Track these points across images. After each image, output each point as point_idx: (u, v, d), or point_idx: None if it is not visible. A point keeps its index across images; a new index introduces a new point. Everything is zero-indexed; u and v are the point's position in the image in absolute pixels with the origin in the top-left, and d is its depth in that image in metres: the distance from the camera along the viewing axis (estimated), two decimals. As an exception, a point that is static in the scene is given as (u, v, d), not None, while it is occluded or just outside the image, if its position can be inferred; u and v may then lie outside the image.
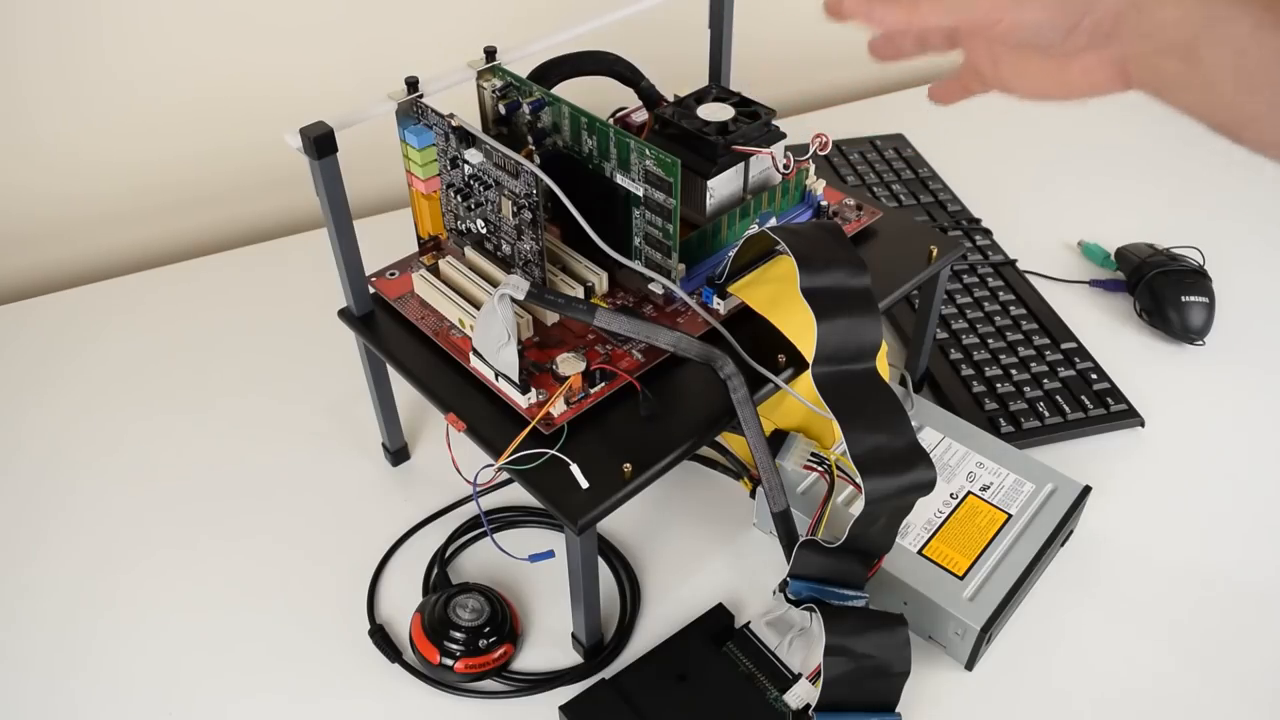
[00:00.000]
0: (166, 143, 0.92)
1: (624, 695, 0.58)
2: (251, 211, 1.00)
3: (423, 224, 0.66)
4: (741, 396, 0.56)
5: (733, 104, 0.65)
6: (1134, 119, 1.11)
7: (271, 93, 0.93)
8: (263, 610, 0.65)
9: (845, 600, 0.58)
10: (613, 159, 0.60)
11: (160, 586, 0.66)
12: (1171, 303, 0.82)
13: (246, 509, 0.71)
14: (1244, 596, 0.65)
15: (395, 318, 0.64)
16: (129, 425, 0.77)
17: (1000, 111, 1.12)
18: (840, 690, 0.55)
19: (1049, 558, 0.64)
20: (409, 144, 0.62)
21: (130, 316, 0.87)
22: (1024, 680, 0.61)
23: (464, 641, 0.60)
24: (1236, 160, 1.04)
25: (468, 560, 0.68)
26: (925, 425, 0.70)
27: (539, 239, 0.58)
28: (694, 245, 0.62)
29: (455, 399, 0.59)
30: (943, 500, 0.65)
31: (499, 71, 0.63)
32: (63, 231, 0.93)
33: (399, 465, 0.74)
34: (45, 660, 0.62)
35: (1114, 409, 0.76)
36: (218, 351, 0.84)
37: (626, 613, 0.64)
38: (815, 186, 0.68)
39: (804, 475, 0.65)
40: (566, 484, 0.54)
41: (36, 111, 0.87)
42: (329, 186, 0.56)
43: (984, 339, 0.81)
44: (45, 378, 0.82)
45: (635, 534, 0.69)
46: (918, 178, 1.00)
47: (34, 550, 0.69)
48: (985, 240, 0.92)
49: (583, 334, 0.62)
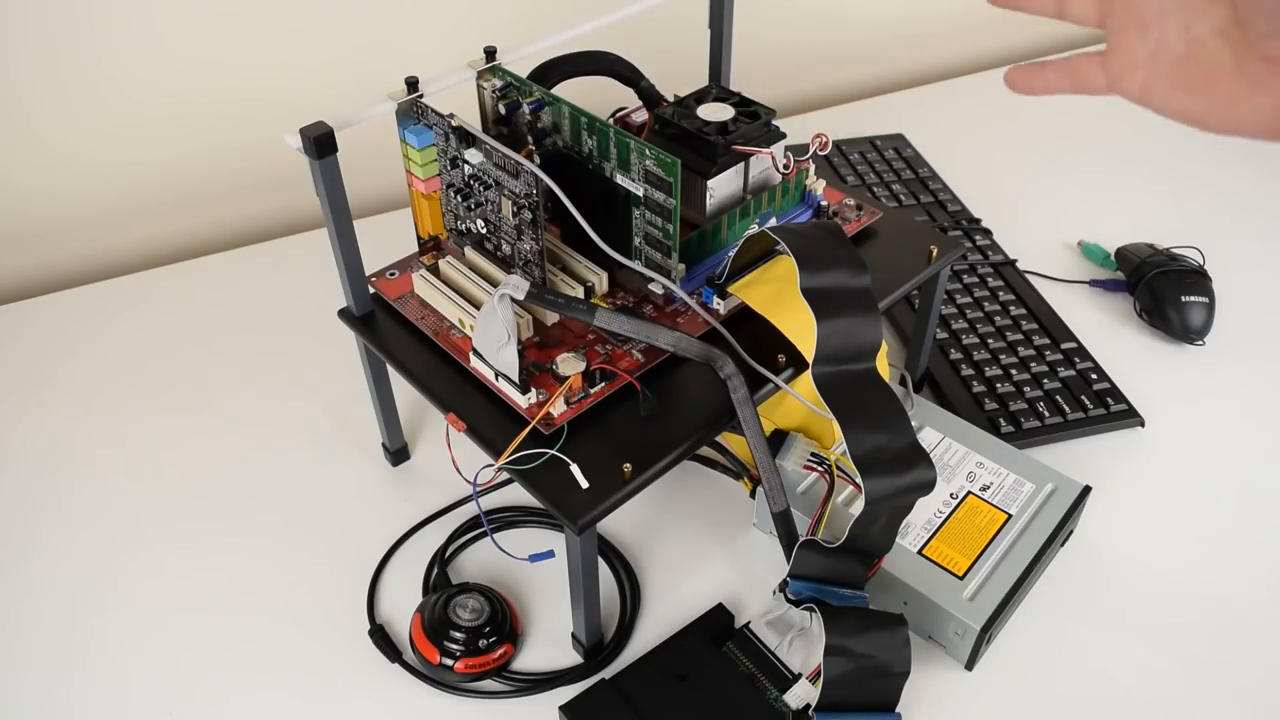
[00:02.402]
0: (166, 143, 0.92)
1: (624, 695, 0.58)
2: (251, 211, 1.00)
3: (423, 224, 0.66)
4: (741, 396, 0.56)
5: (733, 104, 0.65)
6: (1134, 119, 1.11)
7: (271, 93, 0.93)
8: (263, 610, 0.65)
9: (845, 600, 0.58)
10: (613, 159, 0.60)
11: (160, 586, 0.66)
12: (1171, 303, 0.82)
13: (246, 509, 0.71)
14: (1244, 597, 0.65)
15: (395, 318, 0.64)
16: (128, 425, 0.77)
17: (1000, 111, 1.12)
18: (840, 690, 0.55)
19: (1049, 558, 0.64)
20: (409, 144, 0.62)
21: (130, 317, 0.87)
22: (1024, 680, 0.61)
23: (464, 641, 0.60)
24: (1237, 160, 1.04)
25: (468, 560, 0.68)
26: (925, 425, 0.70)
27: (539, 239, 0.58)
28: (694, 245, 0.62)
29: (455, 399, 0.59)
30: (943, 500, 0.65)
31: (499, 71, 0.63)
32: (62, 231, 0.93)
33: (399, 465, 0.74)
34: (45, 660, 0.62)
35: (1114, 409, 0.76)
36: (217, 352, 0.84)
37: (626, 613, 0.64)
38: (815, 186, 0.68)
39: (804, 475, 0.65)
40: (566, 484, 0.54)
41: (35, 111, 0.86)
42: (329, 186, 0.56)
43: (984, 339, 0.81)
44: (45, 378, 0.82)
45: (635, 534, 0.69)
46: (918, 178, 1.00)
47: (33, 550, 0.69)
48: (985, 240, 0.92)
49: (583, 334, 0.62)
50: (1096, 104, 1.13)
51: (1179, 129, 1.09)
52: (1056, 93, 0.47)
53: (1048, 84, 0.47)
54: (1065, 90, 0.47)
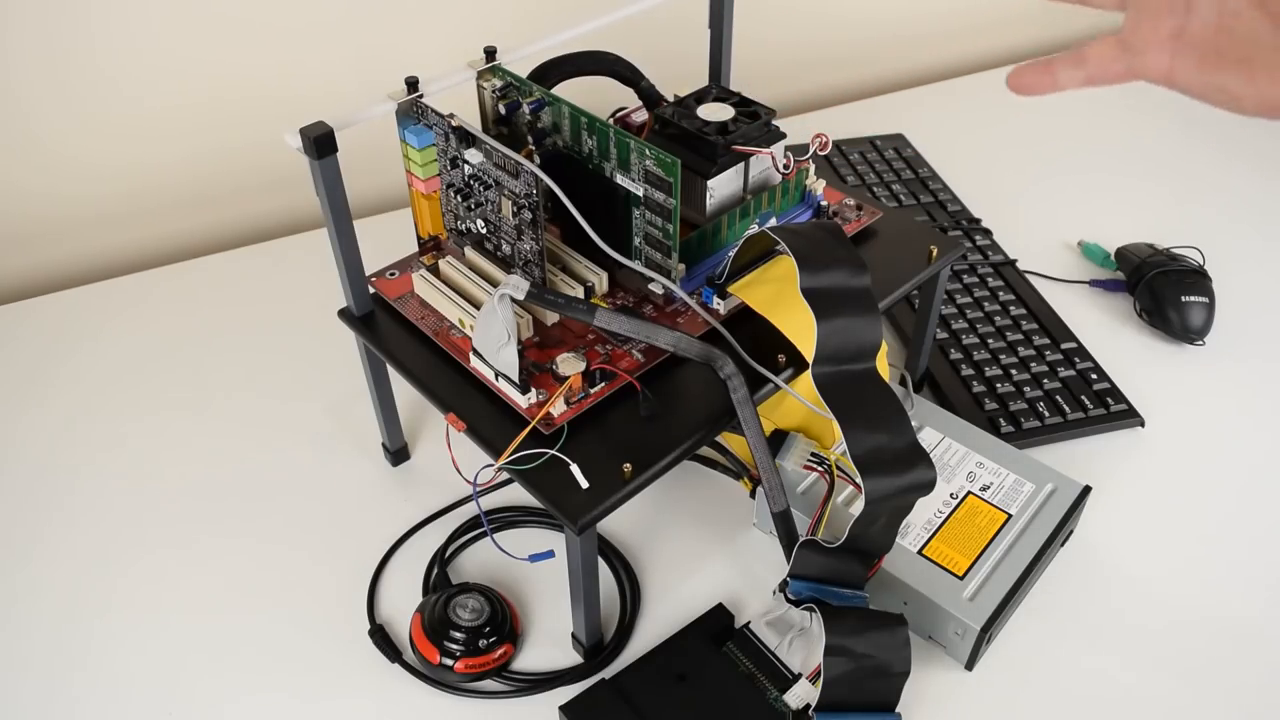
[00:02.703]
0: (166, 143, 0.92)
1: (624, 695, 0.58)
2: (251, 211, 1.00)
3: (423, 224, 0.66)
4: (741, 396, 0.56)
5: (733, 104, 0.65)
6: (1134, 119, 1.11)
7: (271, 93, 0.93)
8: (263, 610, 0.65)
9: (845, 600, 0.58)
10: (613, 159, 0.60)
11: (160, 586, 0.66)
12: (1171, 303, 0.82)
13: (246, 509, 0.71)
14: (1243, 597, 0.65)
15: (395, 318, 0.64)
16: (128, 425, 0.77)
17: (1000, 111, 1.12)
18: (840, 690, 0.55)
19: (1049, 558, 0.64)
20: (409, 144, 0.62)
21: (130, 317, 0.87)
22: (1024, 680, 0.61)
23: (464, 641, 0.60)
24: (1237, 160, 1.04)
25: (468, 560, 0.68)
26: (925, 425, 0.70)
27: (539, 239, 0.58)
28: (694, 245, 0.62)
29: (455, 399, 0.59)
30: (943, 500, 0.65)
31: (499, 71, 0.63)
32: (62, 231, 0.93)
33: (399, 465, 0.74)
34: (45, 660, 0.62)
35: (1114, 409, 0.76)
36: (217, 351, 0.84)
37: (626, 613, 0.64)
38: (815, 186, 0.68)
39: (804, 475, 0.65)
40: (566, 484, 0.54)
41: (35, 110, 0.86)
42: (329, 186, 0.56)
43: (984, 339, 0.81)
44: (44, 378, 0.82)
45: (635, 534, 0.69)
46: (918, 178, 1.00)
47: (32, 550, 0.68)
48: (985, 240, 0.91)
49: (583, 334, 0.62)
50: (1096, 104, 1.13)
51: (1179, 129, 1.09)
52: (1068, 89, 0.44)
53: (1058, 81, 0.44)
54: (1078, 84, 0.43)
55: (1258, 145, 1.06)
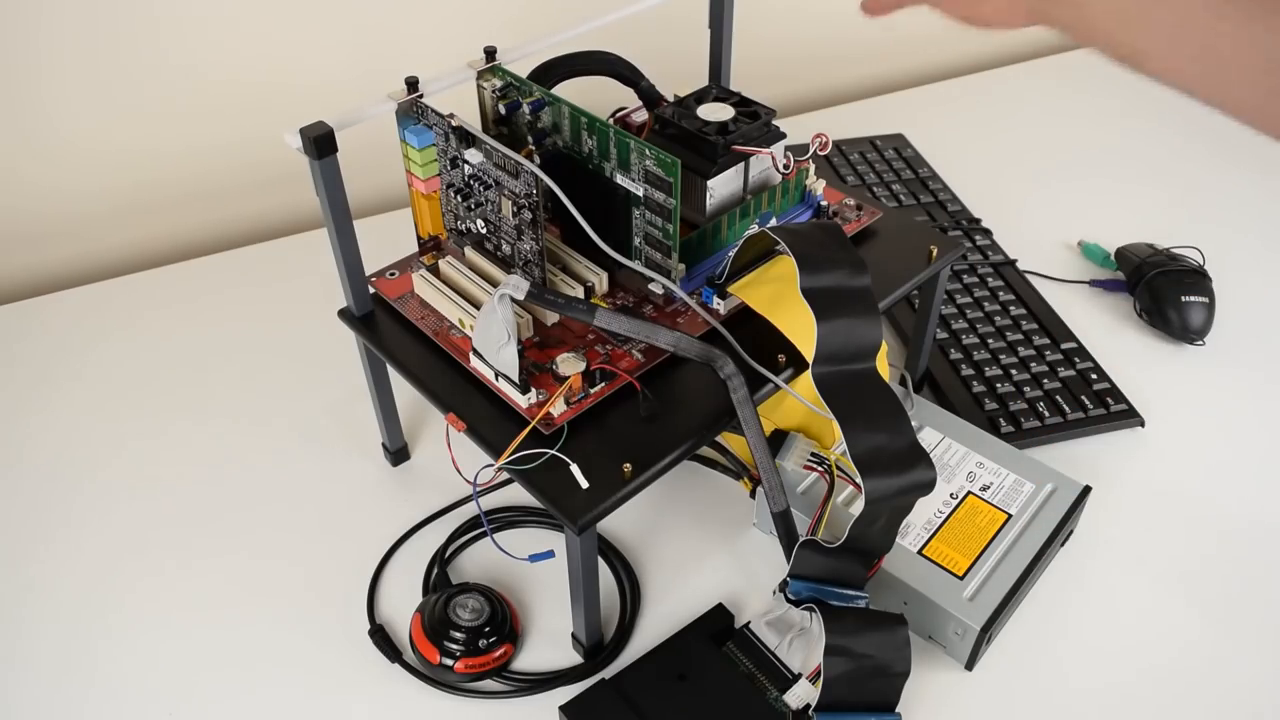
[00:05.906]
0: (165, 143, 0.92)
1: (624, 695, 0.58)
2: (252, 211, 1.00)
3: (423, 224, 0.66)
4: (741, 396, 0.56)
5: (733, 104, 0.65)
6: (1134, 119, 1.11)
7: (271, 92, 0.93)
8: (263, 610, 0.65)
9: (845, 600, 0.58)
10: (613, 159, 0.60)
11: (160, 586, 0.66)
12: (1171, 303, 0.82)
13: (246, 509, 0.71)
14: (1244, 597, 0.65)
15: (395, 318, 0.64)
16: (128, 425, 0.77)
17: (1000, 111, 1.12)
18: (840, 690, 0.55)
19: (1049, 558, 0.64)
20: (409, 144, 0.62)
21: (129, 316, 0.87)
22: (1024, 680, 0.61)
23: (464, 641, 0.60)
24: (1237, 160, 1.04)
25: (468, 560, 0.68)
26: (925, 425, 0.70)
27: (539, 239, 0.58)
28: (694, 245, 0.62)
29: (455, 399, 0.59)
30: (943, 500, 0.65)
31: (499, 71, 0.63)
32: (62, 231, 0.93)
33: (399, 465, 0.74)
34: (46, 659, 0.62)
35: (1114, 409, 0.76)
36: (218, 351, 0.84)
37: (626, 613, 0.64)
38: (815, 186, 0.68)
39: (804, 475, 0.65)
40: (566, 484, 0.54)
41: (35, 109, 0.87)
42: (329, 186, 0.56)
43: (984, 339, 0.81)
44: (44, 378, 0.82)
45: (635, 534, 0.69)
46: (918, 178, 1.00)
47: (35, 550, 0.69)
48: (985, 240, 0.92)
49: (583, 334, 0.62)
50: (1097, 104, 1.13)
51: (1179, 130, 1.09)
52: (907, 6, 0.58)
53: None
54: None
55: (1257, 146, 1.06)
